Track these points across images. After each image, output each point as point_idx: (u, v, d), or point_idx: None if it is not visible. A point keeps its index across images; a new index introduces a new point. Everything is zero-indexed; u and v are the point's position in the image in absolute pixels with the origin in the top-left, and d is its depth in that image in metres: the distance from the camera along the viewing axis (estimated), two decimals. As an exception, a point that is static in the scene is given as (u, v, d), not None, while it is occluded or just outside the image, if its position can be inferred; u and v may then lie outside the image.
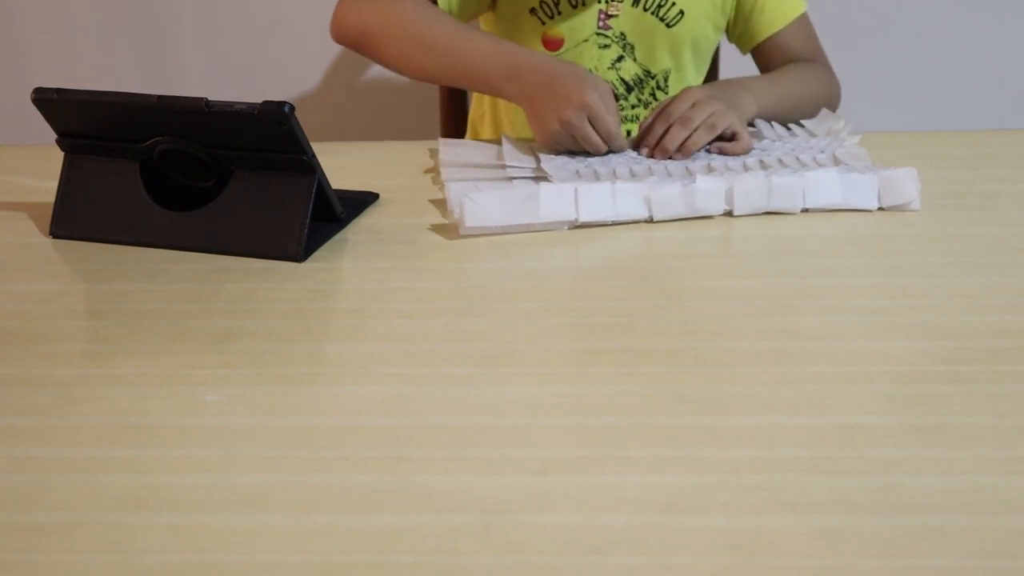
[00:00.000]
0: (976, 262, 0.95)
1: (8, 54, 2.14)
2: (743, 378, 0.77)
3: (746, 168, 1.09)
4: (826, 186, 1.04)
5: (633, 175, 1.07)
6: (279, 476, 0.67)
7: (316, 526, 0.62)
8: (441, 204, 1.07)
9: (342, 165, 1.15)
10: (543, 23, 1.30)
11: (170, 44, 2.12)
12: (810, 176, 1.04)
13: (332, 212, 1.01)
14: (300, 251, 0.96)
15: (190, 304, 0.89)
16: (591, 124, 1.09)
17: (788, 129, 1.21)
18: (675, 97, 1.15)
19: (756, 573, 0.58)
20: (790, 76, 1.30)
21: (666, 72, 1.35)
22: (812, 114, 1.26)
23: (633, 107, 1.36)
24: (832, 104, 1.33)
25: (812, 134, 1.19)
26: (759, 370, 0.78)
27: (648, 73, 1.34)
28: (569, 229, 1.00)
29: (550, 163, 1.09)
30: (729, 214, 1.03)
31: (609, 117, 1.09)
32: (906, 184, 1.04)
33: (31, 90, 0.98)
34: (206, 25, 2.09)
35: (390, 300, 0.90)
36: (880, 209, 1.05)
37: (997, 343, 0.81)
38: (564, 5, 1.28)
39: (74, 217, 1.02)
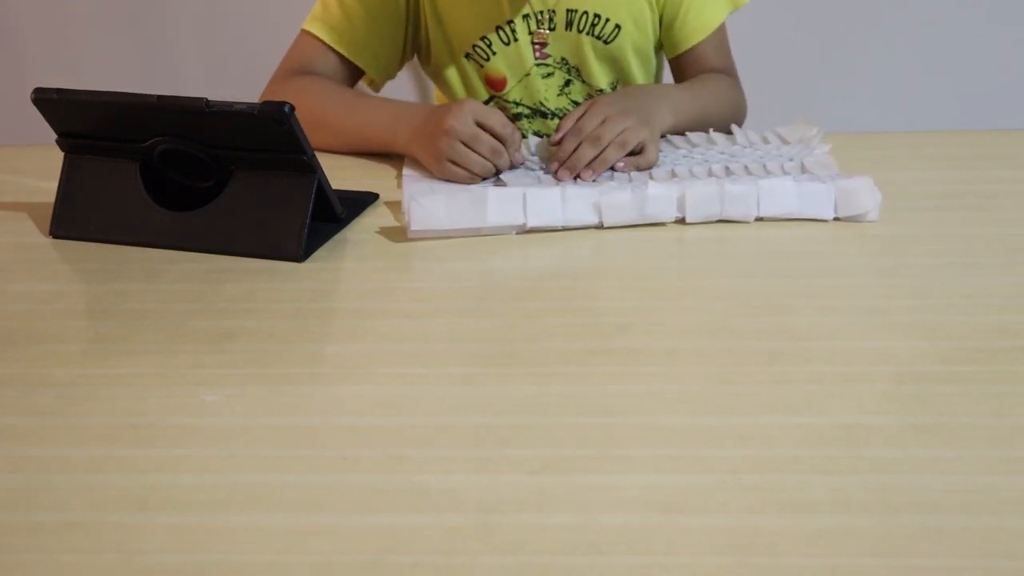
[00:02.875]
0: (976, 262, 0.95)
1: (8, 54, 2.14)
2: (742, 378, 0.77)
3: (711, 173, 1.08)
4: (780, 195, 1.02)
5: (594, 181, 1.06)
6: (279, 476, 0.67)
7: (316, 526, 0.62)
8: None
9: (342, 165, 1.15)
10: (481, 65, 1.29)
11: (170, 44, 2.12)
12: (764, 184, 1.02)
13: (332, 212, 1.01)
14: (300, 251, 0.96)
15: (190, 304, 0.89)
16: (477, 143, 1.07)
17: (762, 136, 1.19)
18: (586, 111, 1.12)
19: (756, 573, 0.58)
20: (707, 90, 1.27)
21: (613, 84, 1.33)
22: (719, 130, 1.23)
23: None
24: (738, 119, 1.31)
25: (785, 141, 1.18)
26: (758, 370, 0.78)
27: (600, 91, 1.32)
28: (517, 234, 1.00)
29: (509, 172, 1.08)
30: (681, 221, 1.02)
31: (486, 127, 1.08)
32: (861, 193, 1.02)
33: (31, 90, 0.98)
34: (206, 25, 2.09)
35: (390, 300, 0.90)
36: (836, 219, 1.02)
37: (996, 343, 0.81)
38: (497, 44, 1.27)
39: (74, 217, 1.02)
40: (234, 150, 0.97)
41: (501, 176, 1.08)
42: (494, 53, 1.27)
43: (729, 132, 1.21)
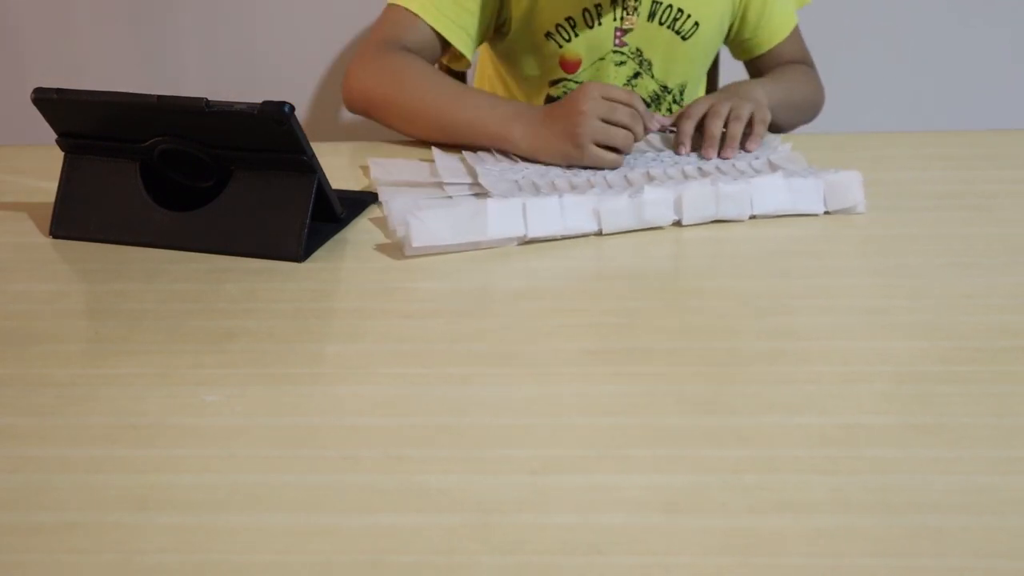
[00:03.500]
0: (976, 262, 0.95)
1: (8, 54, 2.14)
2: (743, 378, 0.77)
3: (686, 176, 1.09)
4: (773, 192, 1.03)
5: (573, 187, 1.06)
6: (279, 476, 0.67)
7: (316, 526, 0.62)
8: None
9: (342, 165, 1.15)
10: (560, 46, 1.30)
11: (170, 44, 2.12)
12: (757, 183, 1.03)
13: (332, 212, 1.01)
14: (300, 251, 0.96)
15: (190, 304, 0.89)
16: (615, 114, 1.09)
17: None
18: (690, 105, 1.17)
19: (756, 573, 0.58)
20: (788, 77, 1.32)
21: (682, 86, 1.35)
22: (806, 115, 1.29)
23: None
24: (817, 106, 1.36)
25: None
26: (759, 370, 0.78)
27: (665, 88, 1.34)
28: (518, 245, 0.99)
29: (488, 176, 1.07)
30: (678, 224, 1.03)
31: (619, 99, 1.09)
32: (850, 188, 1.04)
33: (31, 90, 0.98)
34: (206, 25, 2.09)
35: (390, 300, 0.90)
36: (826, 213, 1.04)
37: (996, 343, 0.81)
38: (580, 26, 1.28)
39: (74, 217, 1.02)
40: (234, 150, 0.97)
41: (482, 181, 1.06)
42: (576, 35, 1.28)
43: (807, 120, 1.24)
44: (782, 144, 1.18)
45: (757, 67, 1.39)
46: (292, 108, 0.92)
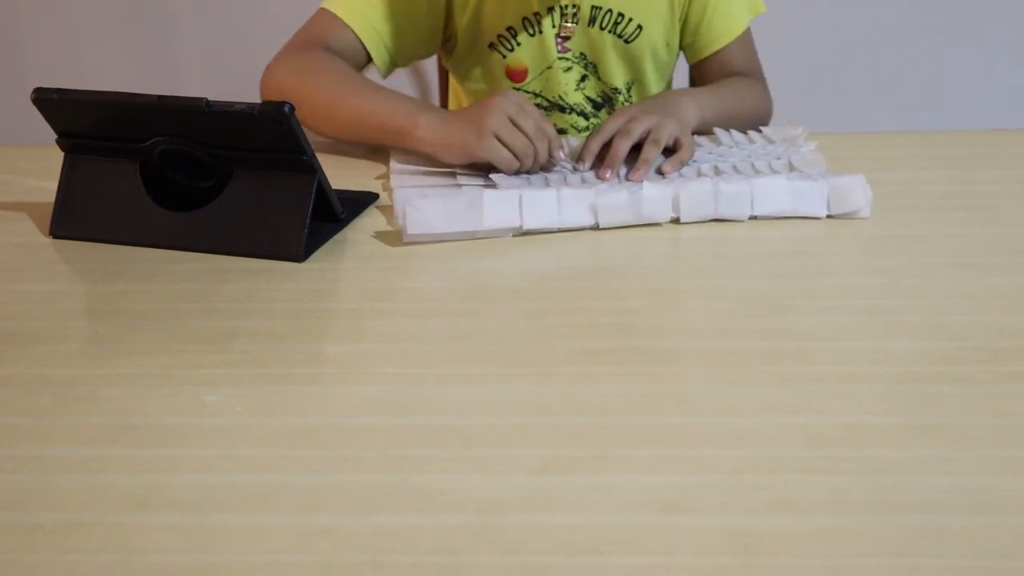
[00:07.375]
0: (976, 262, 0.95)
1: (8, 54, 2.15)
2: (743, 378, 0.77)
3: (700, 174, 1.08)
4: (774, 193, 1.02)
5: (584, 182, 1.06)
6: (279, 476, 0.67)
7: (316, 526, 0.62)
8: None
9: (342, 165, 1.15)
10: (504, 56, 1.29)
11: (170, 44, 2.12)
12: (758, 183, 1.02)
13: (332, 212, 1.01)
14: (300, 251, 0.96)
15: (190, 304, 0.89)
16: (523, 118, 1.06)
17: (746, 135, 1.20)
18: (611, 116, 1.14)
19: (756, 573, 0.58)
20: (731, 89, 1.29)
21: (628, 84, 1.34)
22: (748, 128, 1.24)
23: None
24: (762, 120, 1.31)
25: (770, 140, 1.18)
26: (759, 370, 0.78)
27: (615, 89, 1.33)
28: (514, 236, 0.99)
29: (500, 174, 1.07)
30: (676, 221, 1.02)
31: (531, 111, 1.07)
32: (854, 191, 1.02)
33: (31, 90, 0.98)
34: (206, 25, 2.09)
35: (390, 300, 0.90)
36: (829, 217, 1.03)
37: (997, 343, 0.81)
38: (522, 35, 1.27)
39: (74, 217, 1.02)
40: (234, 150, 0.97)
41: (493, 176, 1.07)
42: (518, 44, 1.28)
43: (755, 131, 1.22)
44: (806, 143, 1.16)
45: (701, 73, 1.35)
46: (292, 108, 0.92)
